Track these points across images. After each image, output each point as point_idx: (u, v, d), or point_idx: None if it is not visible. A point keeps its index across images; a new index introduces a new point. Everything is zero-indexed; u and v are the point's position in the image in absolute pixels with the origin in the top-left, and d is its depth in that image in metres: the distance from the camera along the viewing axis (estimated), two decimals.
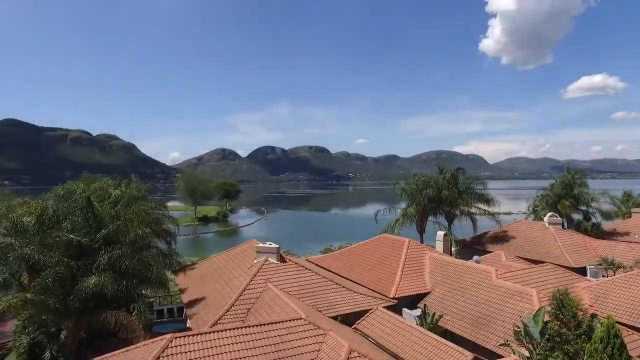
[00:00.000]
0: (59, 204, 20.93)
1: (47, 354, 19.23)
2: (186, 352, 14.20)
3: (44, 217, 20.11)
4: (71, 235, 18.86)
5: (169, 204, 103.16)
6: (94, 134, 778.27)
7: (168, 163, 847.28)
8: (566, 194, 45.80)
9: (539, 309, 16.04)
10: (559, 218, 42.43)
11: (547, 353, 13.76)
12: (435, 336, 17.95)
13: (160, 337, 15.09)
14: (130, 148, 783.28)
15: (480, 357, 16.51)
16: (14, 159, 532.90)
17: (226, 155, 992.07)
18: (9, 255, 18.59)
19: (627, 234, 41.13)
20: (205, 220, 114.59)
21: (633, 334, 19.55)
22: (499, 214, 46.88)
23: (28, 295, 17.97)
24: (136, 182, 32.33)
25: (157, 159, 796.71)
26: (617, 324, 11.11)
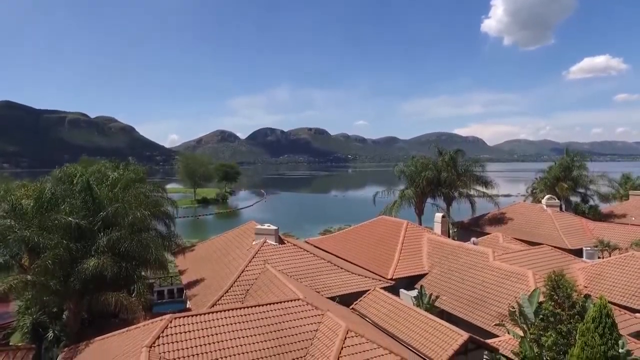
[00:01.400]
0: (57, 187, 20.91)
1: (50, 334, 19.56)
2: (186, 332, 14.38)
3: (43, 200, 20.11)
4: (70, 218, 18.91)
5: (168, 186, 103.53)
6: (92, 116, 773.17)
7: (167, 145, 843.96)
8: (565, 176, 45.86)
9: (534, 289, 16.25)
10: (557, 200, 42.60)
11: (541, 332, 13.99)
12: (432, 316, 18.19)
13: (160, 318, 15.27)
14: (129, 130, 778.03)
15: (476, 336, 16.77)
16: (12, 141, 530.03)
17: (225, 137, 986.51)
18: (8, 237, 18.65)
19: (624, 216, 41.38)
20: (204, 202, 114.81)
21: (625, 313, 19.89)
22: (497, 196, 47.02)
23: (29, 276, 18.12)
24: (134, 164, 32.30)
25: (156, 142, 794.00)
26: (609, 304, 11.25)
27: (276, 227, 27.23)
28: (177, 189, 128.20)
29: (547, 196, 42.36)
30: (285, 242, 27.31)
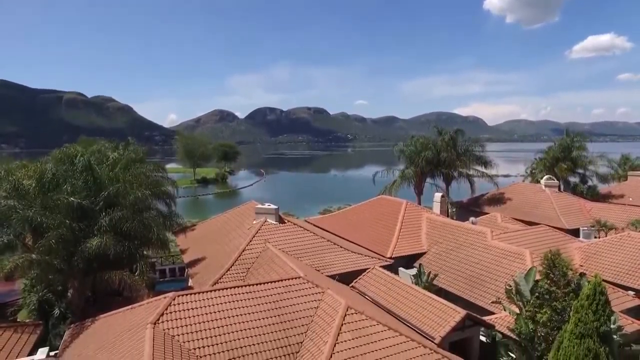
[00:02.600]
0: (57, 167, 20.96)
1: (56, 311, 19.96)
2: (188, 310, 14.68)
3: (44, 180, 20.19)
4: (71, 198, 19.03)
5: (168, 166, 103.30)
6: (89, 96, 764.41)
7: (166, 125, 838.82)
8: (564, 157, 45.86)
9: (530, 268, 16.53)
10: (556, 181, 42.73)
11: (536, 310, 14.32)
12: (430, 294, 18.51)
13: (163, 296, 15.57)
14: (128, 110, 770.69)
15: (473, 313, 17.14)
16: (9, 121, 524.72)
17: (224, 116, 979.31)
18: (12, 217, 18.81)
19: (621, 196, 41.63)
20: (204, 182, 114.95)
21: (618, 291, 20.32)
22: (496, 176, 47.17)
23: (33, 255, 18.37)
24: (134, 144, 32.21)
25: (155, 122, 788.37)
26: (603, 282, 11.50)
27: (276, 207, 27.42)
28: (177, 169, 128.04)
29: (546, 177, 42.51)
30: (286, 221, 27.53)
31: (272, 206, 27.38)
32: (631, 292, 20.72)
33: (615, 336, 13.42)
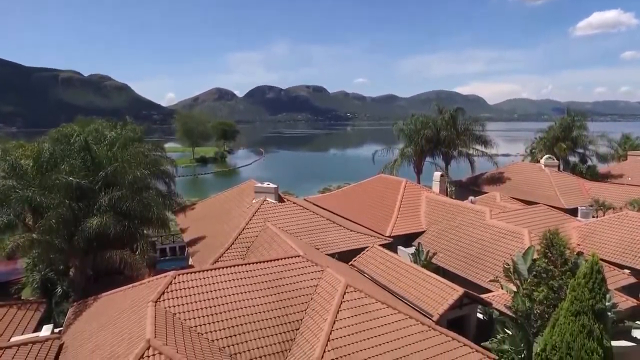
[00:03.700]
0: (55, 147, 20.82)
1: (59, 289, 20.19)
2: (189, 288, 14.80)
3: (42, 160, 20.09)
4: (70, 178, 18.97)
5: (167, 145, 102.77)
6: (86, 74, 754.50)
7: (164, 104, 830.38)
8: (564, 136, 45.70)
9: (528, 247, 16.64)
10: (556, 160, 42.71)
11: (533, 288, 14.48)
12: (429, 272, 18.69)
13: (164, 274, 15.66)
14: (125, 89, 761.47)
15: (471, 291, 17.36)
16: (5, 100, 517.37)
17: (223, 95, 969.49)
18: (11, 197, 18.80)
19: (620, 176, 41.67)
20: (203, 161, 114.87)
21: (614, 269, 20.58)
22: (496, 155, 47.02)
23: (34, 235, 18.43)
24: (132, 123, 31.98)
25: (153, 100, 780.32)
26: (600, 261, 11.59)
27: (276, 186, 27.40)
28: (176, 148, 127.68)
29: (545, 156, 42.46)
30: (285, 200, 27.57)
31: (272, 185, 27.37)
32: (627, 271, 20.98)
33: (609, 313, 13.65)
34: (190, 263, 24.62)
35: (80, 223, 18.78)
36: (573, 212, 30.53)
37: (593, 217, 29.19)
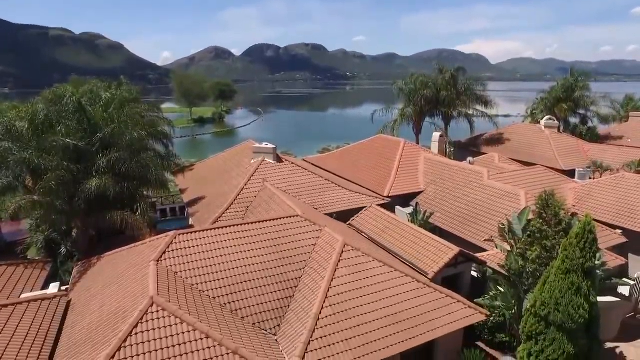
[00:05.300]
0: (49, 109, 20.51)
1: (63, 249, 20.60)
2: (189, 248, 15.12)
3: (37, 122, 19.87)
4: (67, 140, 18.86)
5: (164, 106, 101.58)
6: (77, 32, 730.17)
7: (159, 63, 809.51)
8: (566, 97, 44.98)
9: (524, 208, 16.86)
10: (556, 122, 42.34)
11: (527, 247, 14.80)
12: (425, 232, 19.05)
13: (164, 234, 15.94)
14: (119, 48, 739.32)
15: (466, 250, 17.75)
16: None
17: (219, 54, 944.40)
18: (8, 159, 18.76)
19: (620, 137, 41.48)
20: (201, 121, 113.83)
21: (607, 229, 20.96)
22: (496, 116, 46.57)
23: (35, 197, 18.57)
24: (127, 84, 31.37)
25: (148, 60, 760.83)
26: (593, 221, 11.79)
27: (274, 146, 27.35)
28: (173, 109, 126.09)
29: (546, 117, 42.08)
30: (284, 160, 27.61)
31: (270, 145, 27.31)
32: (618, 231, 21.37)
33: (598, 271, 14.05)
34: (190, 223, 24.98)
35: (80, 185, 18.86)
36: (571, 173, 30.67)
37: (590, 178, 29.34)
